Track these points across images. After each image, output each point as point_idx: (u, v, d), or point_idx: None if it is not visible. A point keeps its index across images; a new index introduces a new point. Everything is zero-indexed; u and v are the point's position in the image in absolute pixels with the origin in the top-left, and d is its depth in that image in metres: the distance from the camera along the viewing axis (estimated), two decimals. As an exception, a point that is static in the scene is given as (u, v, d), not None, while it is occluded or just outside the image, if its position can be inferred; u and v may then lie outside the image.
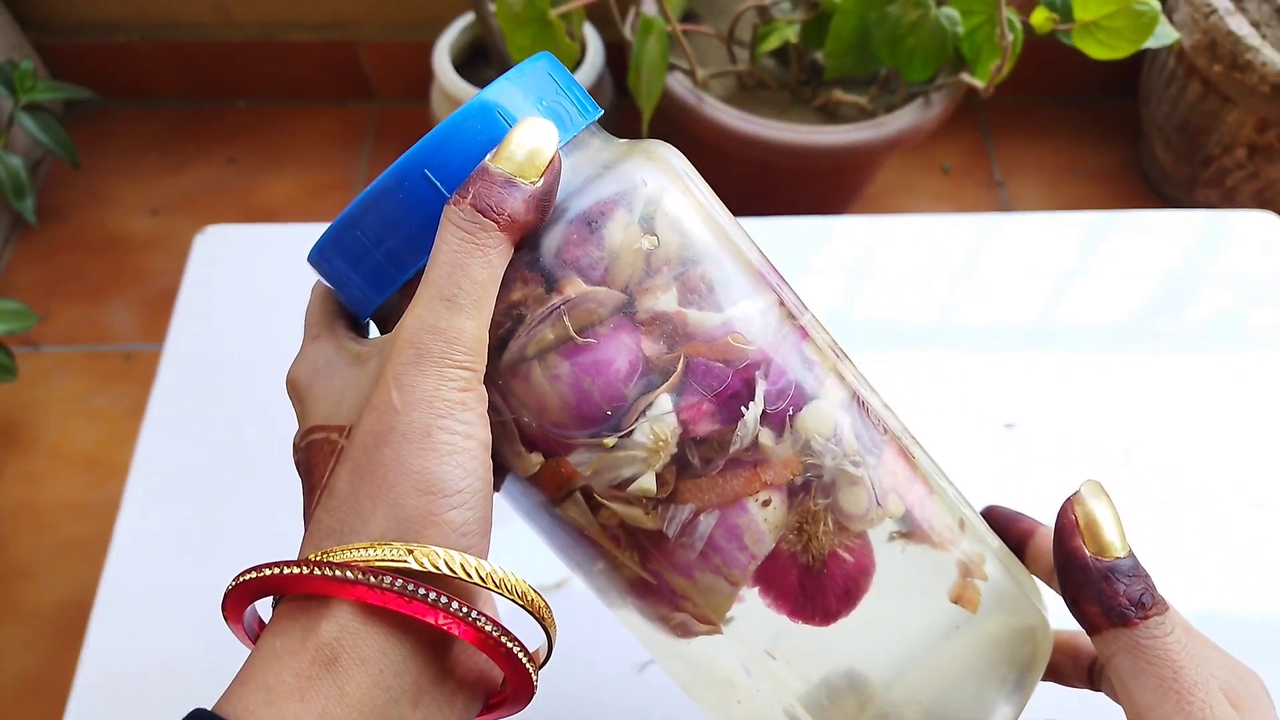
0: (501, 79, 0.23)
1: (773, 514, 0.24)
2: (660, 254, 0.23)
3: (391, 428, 0.20)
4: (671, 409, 0.23)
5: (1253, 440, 0.49)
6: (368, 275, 0.23)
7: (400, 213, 0.22)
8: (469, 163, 0.22)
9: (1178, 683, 0.20)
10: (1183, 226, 0.59)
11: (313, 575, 0.19)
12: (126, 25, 1.40)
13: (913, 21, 0.80)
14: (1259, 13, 1.14)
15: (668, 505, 0.23)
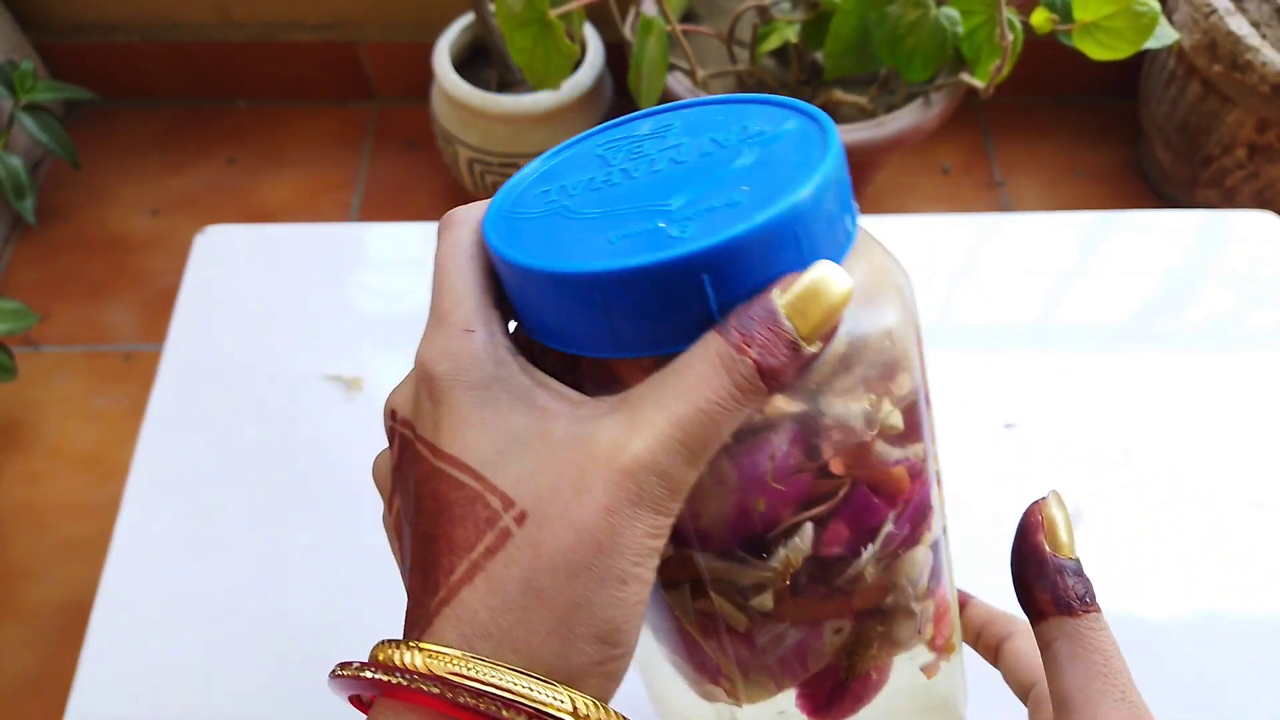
0: (809, 190, 0.19)
1: (839, 639, 0.25)
2: (870, 385, 0.22)
3: (590, 566, 0.18)
4: (812, 536, 0.22)
5: (1253, 440, 0.49)
6: (587, 335, 0.20)
7: (657, 304, 0.19)
8: (749, 279, 0.19)
9: (1108, 667, 0.23)
10: (1183, 226, 0.59)
11: (463, 703, 0.18)
12: (127, 25, 1.40)
13: (913, 21, 0.80)
14: (1259, 13, 1.14)
15: (767, 618, 0.23)
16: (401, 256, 0.58)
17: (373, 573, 0.46)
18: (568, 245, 0.20)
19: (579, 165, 0.22)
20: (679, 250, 0.18)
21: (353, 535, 0.47)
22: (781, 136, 0.20)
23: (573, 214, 0.20)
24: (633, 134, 0.23)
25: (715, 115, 0.22)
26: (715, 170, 0.20)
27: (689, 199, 0.19)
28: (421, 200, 1.36)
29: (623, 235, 0.19)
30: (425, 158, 1.41)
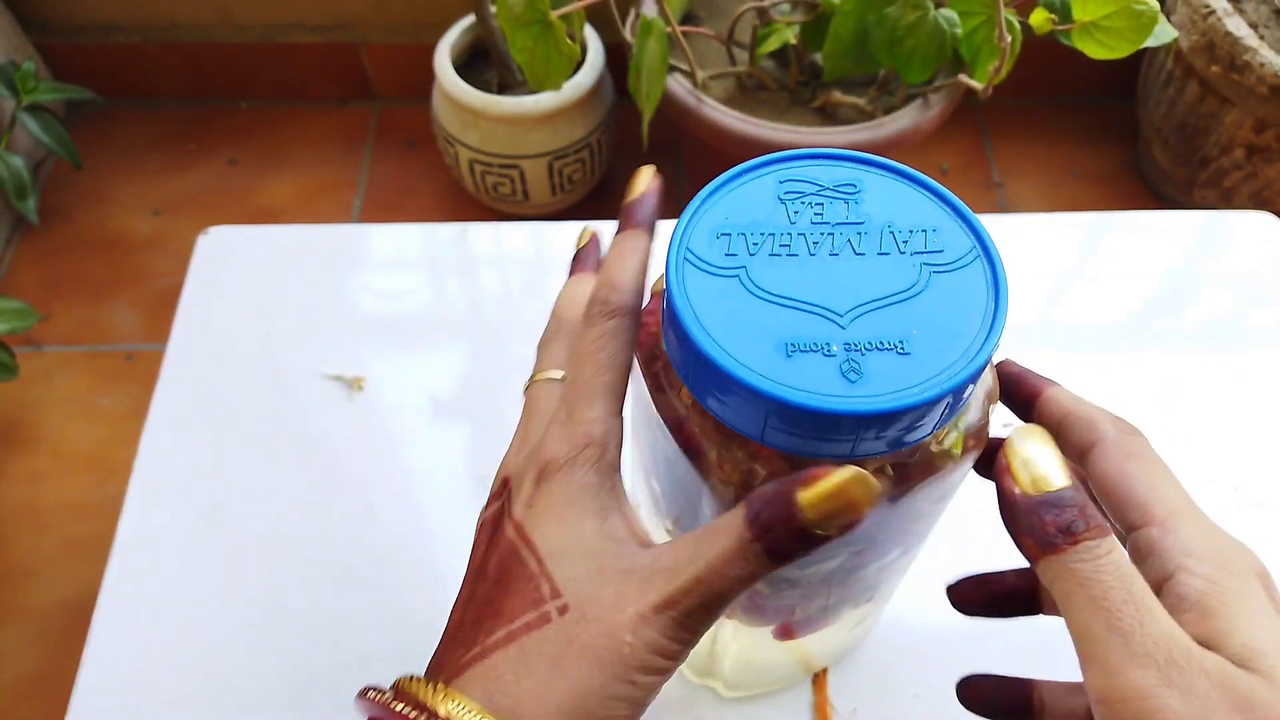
0: (1001, 302, 0.22)
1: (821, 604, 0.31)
2: None
3: (610, 664, 0.21)
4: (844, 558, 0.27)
5: (1251, 440, 0.49)
6: (737, 417, 0.22)
7: (810, 429, 0.21)
8: (891, 429, 0.21)
9: (1107, 601, 0.20)
10: (1181, 227, 0.59)
11: None
12: (128, 26, 1.40)
13: (911, 23, 0.80)
14: (1257, 14, 1.14)
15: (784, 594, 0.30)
16: (403, 257, 0.58)
17: (373, 571, 0.46)
18: (743, 334, 0.21)
19: (759, 206, 0.24)
20: (846, 407, 0.20)
21: (354, 534, 0.47)
22: (957, 268, 0.22)
23: (752, 286, 0.22)
24: (815, 181, 0.24)
25: (899, 197, 0.24)
26: (893, 287, 0.22)
27: (860, 313, 0.21)
28: (422, 201, 1.36)
29: (795, 345, 0.21)
30: (426, 158, 1.41)
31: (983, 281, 0.22)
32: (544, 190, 1.22)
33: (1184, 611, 0.21)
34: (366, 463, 0.49)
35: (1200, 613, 0.21)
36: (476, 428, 0.51)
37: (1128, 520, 0.23)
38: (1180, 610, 0.21)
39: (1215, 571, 0.21)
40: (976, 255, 0.23)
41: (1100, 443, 0.24)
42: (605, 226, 0.29)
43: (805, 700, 0.42)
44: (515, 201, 1.24)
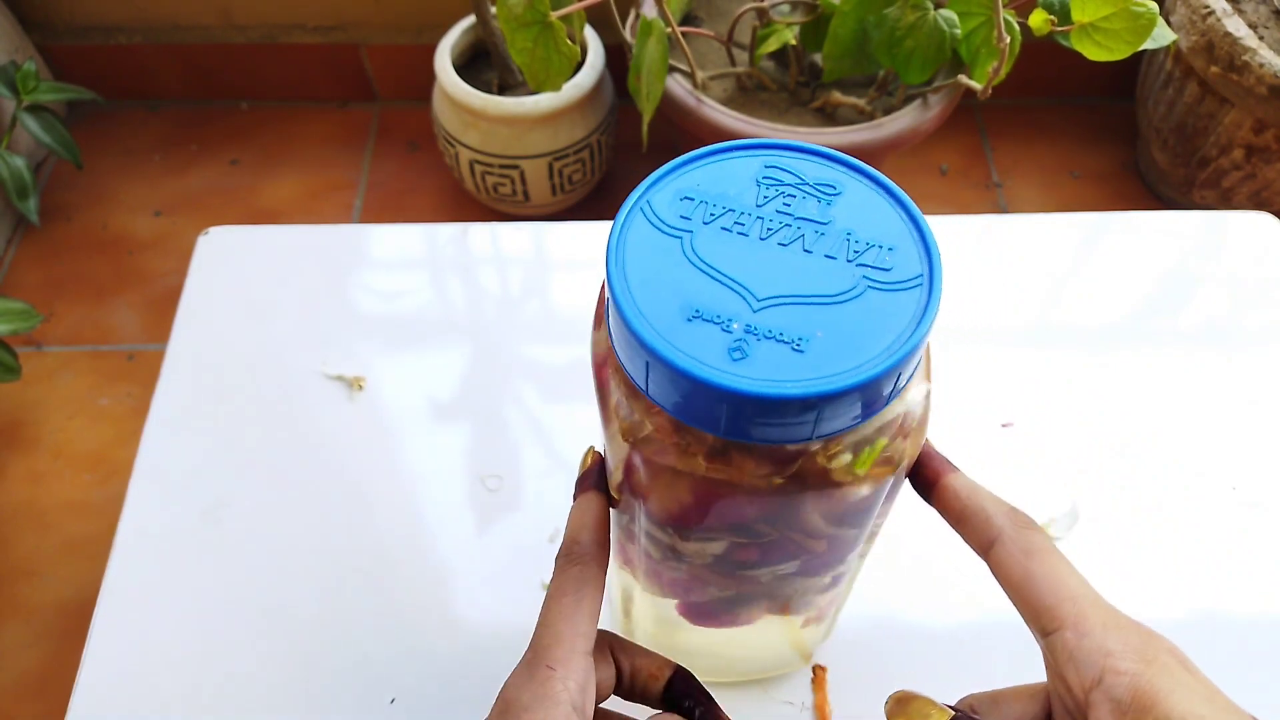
0: (924, 333, 0.22)
1: (724, 594, 0.31)
2: None
3: None
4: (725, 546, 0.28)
5: (1249, 440, 0.50)
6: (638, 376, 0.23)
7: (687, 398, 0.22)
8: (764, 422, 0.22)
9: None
10: (1180, 227, 0.60)
11: None
12: (129, 27, 1.40)
13: (911, 23, 0.80)
14: (1256, 14, 1.14)
15: (673, 565, 0.30)
16: (403, 257, 0.59)
17: (374, 571, 0.46)
18: (659, 290, 0.22)
19: (734, 183, 0.24)
20: (708, 376, 0.21)
21: (355, 534, 0.47)
22: (895, 289, 0.22)
23: (689, 251, 0.23)
24: (799, 175, 0.24)
25: (872, 209, 0.24)
26: (823, 288, 0.22)
27: (771, 305, 0.22)
28: (423, 201, 1.36)
29: (699, 313, 0.22)
30: (427, 159, 1.41)
31: (914, 309, 0.22)
32: (544, 191, 1.22)
33: (1124, 714, 0.22)
34: (366, 463, 0.50)
35: (1138, 710, 0.22)
36: (476, 428, 0.51)
37: (1040, 624, 0.24)
38: (1119, 714, 0.22)
39: (1138, 665, 0.22)
40: (920, 283, 0.23)
41: (998, 541, 0.25)
42: (603, 228, 0.29)
43: (806, 701, 0.42)
44: (516, 202, 1.24)
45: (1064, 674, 0.24)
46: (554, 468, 0.49)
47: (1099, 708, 0.22)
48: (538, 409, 0.52)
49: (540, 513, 0.48)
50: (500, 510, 0.48)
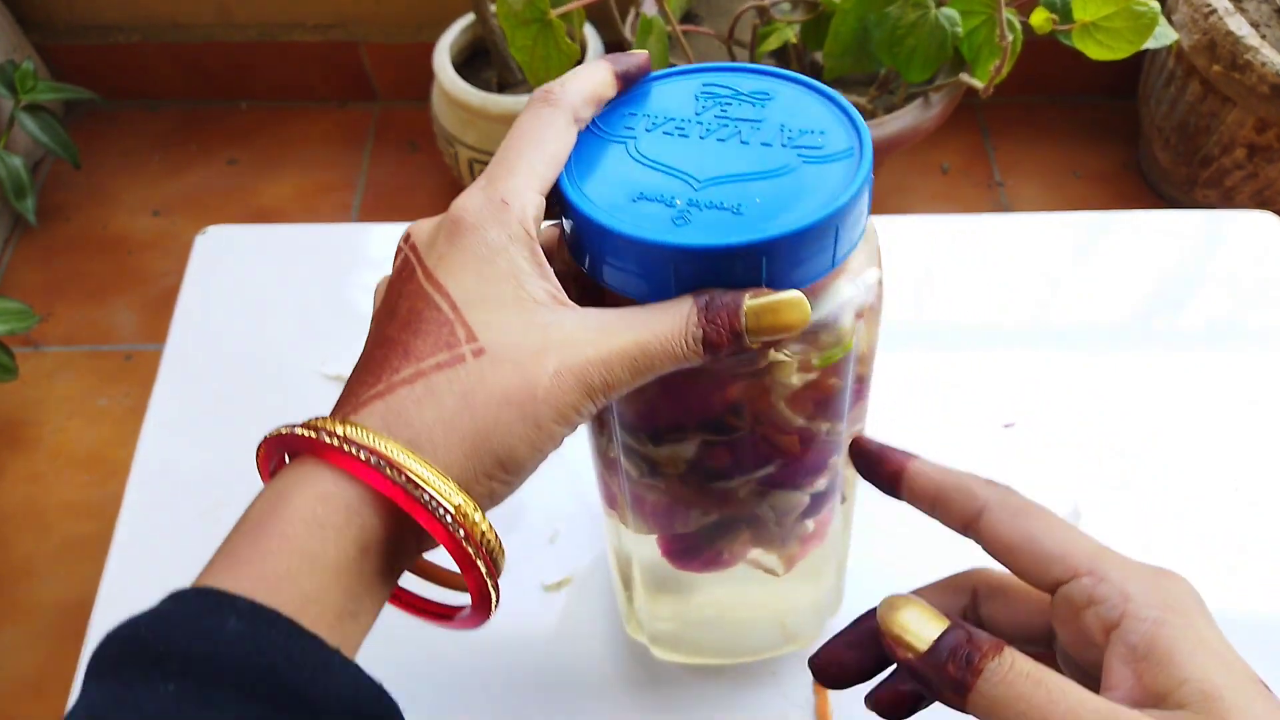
0: (853, 191, 0.23)
1: (705, 520, 0.31)
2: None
3: (522, 403, 0.22)
4: (697, 449, 0.28)
5: (1250, 440, 0.49)
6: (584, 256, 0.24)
7: (636, 267, 0.23)
8: (702, 279, 0.23)
9: (1034, 710, 0.21)
10: (1182, 227, 0.59)
11: (384, 474, 0.21)
12: (127, 26, 1.40)
13: (912, 22, 0.80)
14: (1258, 13, 1.14)
15: (652, 483, 0.30)
16: (402, 256, 0.58)
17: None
18: (606, 181, 0.24)
19: (673, 100, 0.26)
20: (641, 234, 0.23)
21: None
22: (828, 159, 0.24)
23: (631, 153, 0.25)
24: (734, 88, 0.26)
25: (803, 104, 0.26)
26: (760, 169, 0.24)
27: (713, 183, 0.24)
28: (422, 201, 1.36)
29: (640, 196, 0.24)
30: (426, 158, 1.41)
31: (847, 174, 0.24)
32: (544, 190, 1.22)
33: (1139, 661, 0.22)
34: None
35: (1153, 662, 0.21)
36: (476, 428, 0.51)
37: (1050, 576, 0.24)
38: (1133, 661, 0.22)
39: (1161, 612, 0.22)
40: (851, 154, 0.24)
41: (986, 509, 0.25)
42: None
43: (806, 702, 0.42)
44: (515, 201, 1.24)
45: (1082, 619, 0.23)
46: (554, 468, 0.49)
47: (1114, 649, 0.22)
48: (537, 409, 0.52)
49: (540, 513, 0.47)
50: (500, 510, 0.48)
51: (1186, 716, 0.20)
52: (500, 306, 0.23)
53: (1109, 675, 0.22)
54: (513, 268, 0.23)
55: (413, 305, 0.23)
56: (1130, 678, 0.22)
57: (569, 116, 0.25)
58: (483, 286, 0.23)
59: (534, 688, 0.42)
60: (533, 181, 0.24)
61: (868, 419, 0.33)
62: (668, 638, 0.41)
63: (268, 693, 0.19)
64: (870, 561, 0.43)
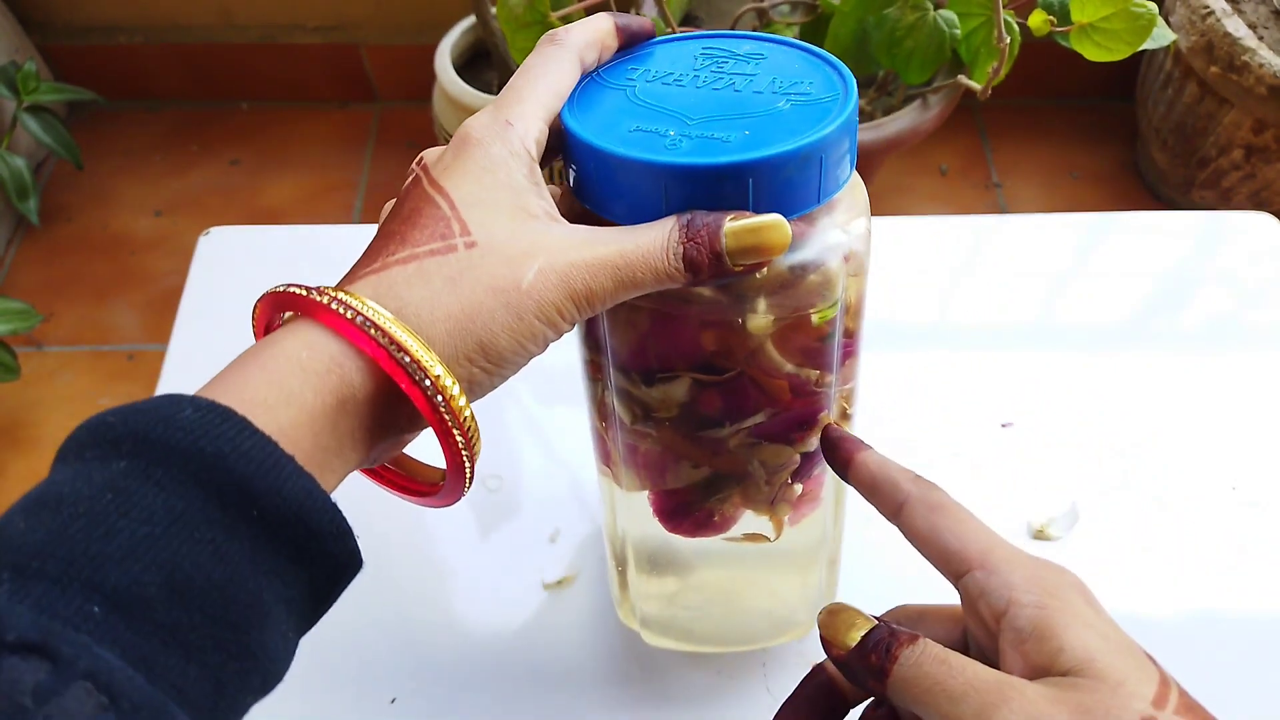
0: (836, 125, 0.24)
1: (696, 474, 0.32)
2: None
3: (506, 291, 0.23)
4: (688, 390, 0.29)
5: (1248, 440, 0.50)
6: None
7: (626, 188, 0.25)
8: (696, 201, 0.24)
9: (939, 685, 0.23)
10: (1179, 227, 0.60)
11: (368, 334, 0.22)
12: (129, 27, 1.40)
13: (910, 24, 0.80)
14: (1256, 14, 1.14)
15: (645, 430, 0.31)
16: (403, 257, 0.59)
17: (374, 571, 0.46)
18: (604, 116, 0.26)
19: (679, 56, 0.28)
20: (635, 154, 0.24)
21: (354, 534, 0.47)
22: (815, 101, 0.26)
23: (630, 97, 0.27)
24: (733, 50, 0.28)
25: (797, 63, 0.27)
26: (750, 110, 0.25)
27: (704, 121, 0.25)
28: (423, 201, 1.36)
29: (635, 128, 0.25)
30: (426, 159, 1.41)
31: (833, 111, 0.25)
32: (544, 191, 1.22)
33: (1023, 642, 0.24)
34: (367, 462, 0.50)
35: (1037, 640, 0.23)
36: (477, 427, 0.51)
37: (951, 569, 0.26)
38: (1020, 642, 0.24)
39: (1040, 597, 0.24)
40: (837, 96, 0.25)
41: (906, 503, 0.27)
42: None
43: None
44: (515, 202, 1.24)
45: (977, 609, 0.25)
46: (554, 468, 0.49)
47: (1005, 635, 0.24)
48: (537, 409, 0.52)
49: (540, 513, 0.48)
50: (500, 510, 0.48)
51: (1065, 680, 0.23)
52: (495, 210, 0.24)
53: (1003, 660, 0.24)
54: (511, 180, 0.25)
55: (415, 205, 0.25)
56: (1019, 659, 0.24)
57: (573, 56, 0.27)
58: (481, 192, 0.24)
59: (533, 685, 0.42)
60: (537, 109, 0.26)
61: (868, 422, 0.33)
62: (659, 623, 0.41)
63: (211, 479, 0.19)
64: (862, 557, 0.43)
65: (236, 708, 0.20)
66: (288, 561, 0.20)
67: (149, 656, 0.18)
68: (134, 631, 0.18)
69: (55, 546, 0.18)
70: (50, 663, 0.17)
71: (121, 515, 0.19)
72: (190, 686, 0.19)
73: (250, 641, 0.20)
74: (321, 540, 0.21)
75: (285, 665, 0.22)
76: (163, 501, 0.19)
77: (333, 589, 0.22)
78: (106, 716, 0.17)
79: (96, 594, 0.18)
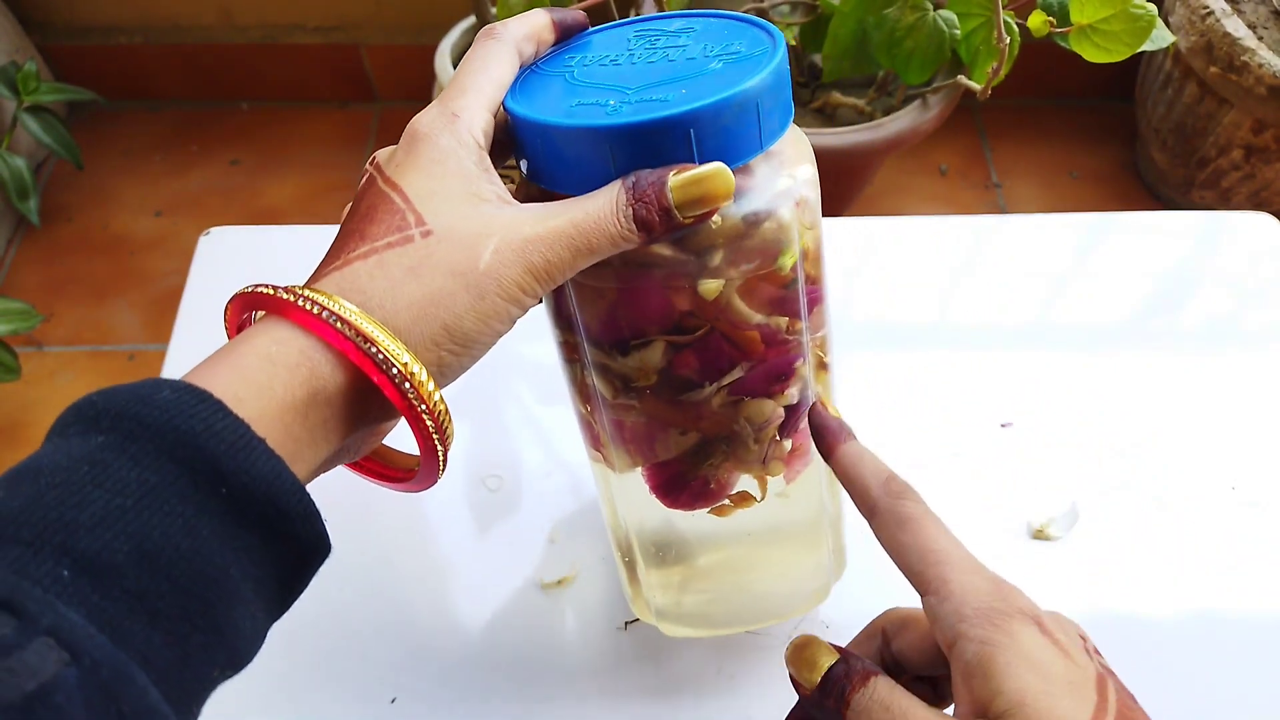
0: (767, 71, 0.25)
1: (685, 441, 0.32)
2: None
3: (465, 273, 0.24)
4: (664, 354, 0.29)
5: (1247, 440, 0.50)
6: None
7: (572, 157, 0.26)
8: (640, 159, 0.25)
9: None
10: (1179, 228, 0.60)
11: (336, 328, 0.23)
12: (129, 27, 1.40)
13: (910, 24, 0.80)
14: (1255, 14, 1.14)
15: (628, 403, 0.31)
16: (403, 257, 0.59)
17: (374, 571, 0.46)
18: (546, 99, 0.27)
19: (614, 41, 0.29)
20: (578, 122, 0.25)
21: (353, 534, 0.47)
22: (745, 57, 0.26)
23: (569, 80, 0.28)
24: (664, 29, 0.29)
25: (725, 30, 0.28)
26: (685, 74, 0.26)
27: (643, 89, 0.26)
28: (423, 201, 1.37)
29: (577, 103, 0.26)
30: (426, 159, 1.41)
31: (764, 63, 0.26)
32: (544, 191, 1.22)
33: (970, 677, 0.24)
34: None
35: (980, 678, 0.24)
36: (476, 427, 0.51)
37: (916, 588, 0.27)
38: (967, 677, 0.24)
39: (986, 631, 0.24)
40: (767, 50, 0.26)
41: (875, 513, 0.28)
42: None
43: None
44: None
45: (935, 633, 0.26)
46: (554, 468, 0.50)
47: (955, 665, 0.25)
48: (537, 409, 0.52)
49: (540, 513, 0.48)
50: (500, 510, 0.48)
51: None
52: (448, 199, 0.25)
53: (954, 690, 0.25)
54: (461, 169, 0.25)
55: (371, 202, 0.26)
56: (965, 693, 0.24)
57: (511, 49, 0.28)
58: (432, 183, 0.25)
59: (533, 685, 0.42)
60: (480, 100, 0.26)
61: (869, 423, 0.33)
62: (674, 612, 0.41)
63: (184, 456, 0.20)
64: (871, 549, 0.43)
65: (202, 679, 0.21)
66: (256, 540, 0.21)
67: (115, 620, 0.19)
68: (101, 595, 0.19)
69: (30, 513, 0.19)
70: (15, 618, 0.17)
71: (96, 486, 0.19)
72: (154, 653, 0.19)
73: (217, 615, 0.20)
74: (289, 521, 0.21)
75: (254, 646, 0.22)
76: (136, 475, 0.20)
77: (301, 572, 0.23)
78: (68, 671, 0.17)
79: (66, 558, 0.18)
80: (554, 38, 0.29)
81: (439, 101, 0.26)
